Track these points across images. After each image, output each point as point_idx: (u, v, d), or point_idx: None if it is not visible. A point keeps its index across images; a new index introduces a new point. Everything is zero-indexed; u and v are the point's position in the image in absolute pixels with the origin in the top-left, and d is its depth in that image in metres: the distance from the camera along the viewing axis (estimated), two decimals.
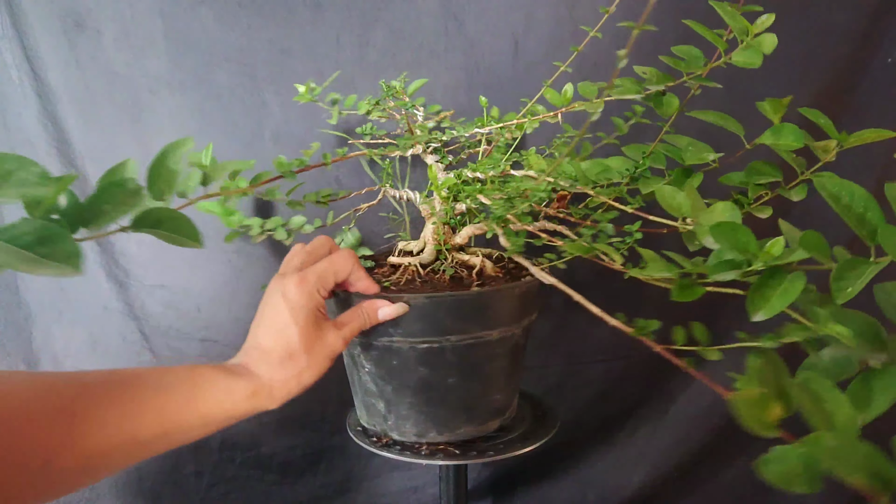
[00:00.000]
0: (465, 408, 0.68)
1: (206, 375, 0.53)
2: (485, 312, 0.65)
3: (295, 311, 0.57)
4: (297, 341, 0.56)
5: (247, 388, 0.54)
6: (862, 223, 0.47)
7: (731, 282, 0.52)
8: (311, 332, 0.57)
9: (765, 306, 0.47)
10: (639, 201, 0.65)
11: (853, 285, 0.44)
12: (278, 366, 0.56)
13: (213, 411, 0.52)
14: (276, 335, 0.57)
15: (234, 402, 0.53)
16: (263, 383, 0.55)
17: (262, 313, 0.58)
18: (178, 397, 0.51)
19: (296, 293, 0.57)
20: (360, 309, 0.62)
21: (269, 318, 0.57)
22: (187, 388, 0.51)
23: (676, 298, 0.53)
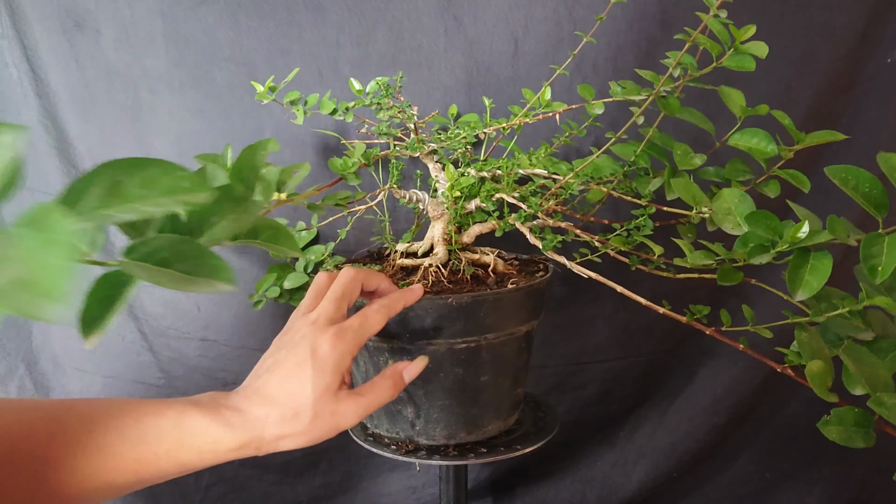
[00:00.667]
0: (495, 404, 0.69)
1: (193, 425, 0.48)
2: (519, 308, 0.66)
3: (319, 374, 0.52)
4: (309, 406, 0.51)
5: (234, 440, 0.49)
6: (869, 199, 0.53)
7: (703, 268, 0.60)
8: (327, 400, 0.52)
9: (802, 285, 0.53)
10: (649, 195, 0.67)
11: (881, 262, 0.49)
12: (277, 422, 0.51)
13: (193, 461, 0.49)
14: (288, 391, 0.51)
15: (217, 453, 0.49)
16: (254, 436, 0.50)
17: (282, 360, 0.53)
18: (159, 449, 0.47)
19: (328, 353, 0.52)
20: (384, 380, 0.57)
21: (288, 370, 0.52)
22: (171, 439, 0.48)
23: (722, 283, 0.59)
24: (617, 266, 0.67)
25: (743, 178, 0.72)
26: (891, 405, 0.50)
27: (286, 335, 0.56)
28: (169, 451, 0.47)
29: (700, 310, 0.62)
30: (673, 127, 0.79)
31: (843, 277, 0.85)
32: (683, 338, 1.01)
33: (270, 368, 0.53)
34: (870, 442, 0.54)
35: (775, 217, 0.56)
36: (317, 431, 0.52)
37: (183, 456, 0.48)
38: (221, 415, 0.49)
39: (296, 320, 0.57)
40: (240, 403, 0.51)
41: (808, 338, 0.58)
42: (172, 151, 0.89)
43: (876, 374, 0.53)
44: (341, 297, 0.57)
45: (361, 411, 0.54)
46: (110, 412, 0.47)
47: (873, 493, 1.08)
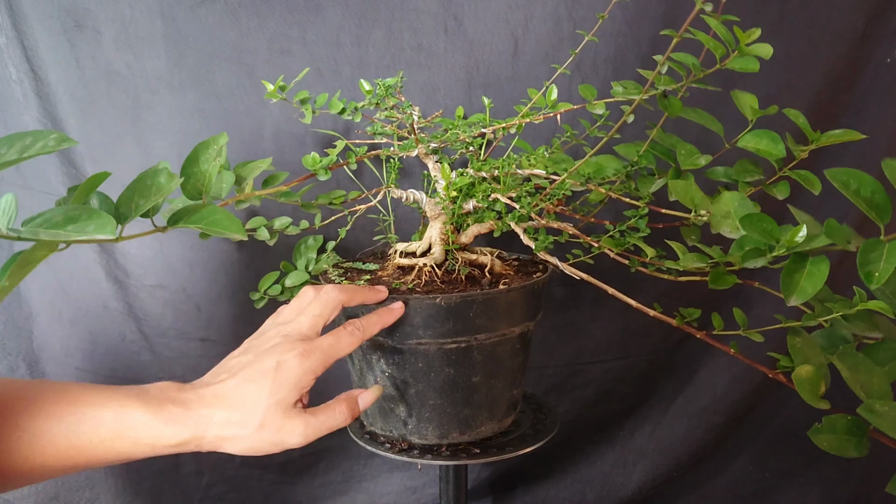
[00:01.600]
0: (488, 405, 0.69)
1: (134, 420, 0.48)
2: (511, 309, 0.66)
3: (277, 386, 0.51)
4: (258, 414, 0.51)
5: (174, 437, 0.49)
6: (871, 205, 0.52)
7: (697, 270, 0.60)
8: (278, 413, 0.51)
9: (796, 291, 0.52)
10: (648, 197, 0.67)
11: (878, 269, 0.48)
12: (222, 423, 0.50)
13: (129, 452, 0.49)
14: (243, 395, 0.51)
15: (155, 447, 0.49)
16: (195, 435, 0.50)
17: (246, 365, 0.53)
18: (95, 438, 0.47)
19: (292, 370, 0.52)
20: (339, 405, 0.56)
21: (248, 375, 0.52)
22: (109, 430, 0.47)
23: (713, 286, 0.58)
24: (617, 267, 0.67)
25: (752, 179, 0.71)
26: (882, 412, 0.49)
27: (256, 339, 0.56)
28: (105, 440, 0.47)
29: (690, 313, 0.62)
30: (680, 129, 0.78)
31: (842, 279, 0.85)
32: (683, 338, 1.01)
33: (232, 370, 0.53)
34: (863, 451, 0.52)
35: (772, 220, 0.55)
36: (260, 442, 0.52)
37: (119, 447, 0.48)
38: (165, 410, 0.49)
39: (270, 327, 0.57)
40: (189, 399, 0.51)
41: (802, 343, 0.57)
42: (172, 151, 0.89)
43: (871, 382, 0.52)
44: (318, 314, 0.57)
45: (310, 431, 0.53)
46: (53, 397, 0.47)
47: (873, 493, 1.08)
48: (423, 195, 0.74)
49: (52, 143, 0.40)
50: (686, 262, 0.59)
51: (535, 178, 0.70)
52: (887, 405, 0.50)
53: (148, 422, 0.48)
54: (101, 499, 0.97)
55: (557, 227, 0.68)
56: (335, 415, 0.55)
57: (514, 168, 0.69)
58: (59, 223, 0.38)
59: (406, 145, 0.76)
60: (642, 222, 0.65)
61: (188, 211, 0.48)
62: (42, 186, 0.90)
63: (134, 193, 0.46)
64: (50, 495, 0.96)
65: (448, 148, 0.77)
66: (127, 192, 0.46)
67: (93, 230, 0.38)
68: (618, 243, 0.65)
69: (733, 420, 1.04)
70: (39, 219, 0.39)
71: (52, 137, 0.40)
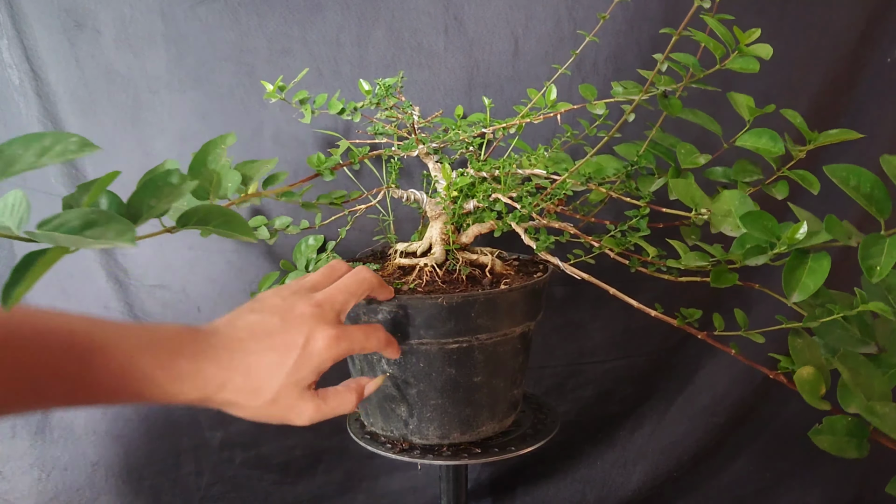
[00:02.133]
0: (489, 405, 0.69)
1: (143, 377, 0.45)
2: (512, 309, 0.66)
3: (300, 365, 0.49)
4: (274, 389, 0.49)
5: (182, 395, 0.47)
6: (871, 200, 0.52)
7: (699, 269, 0.60)
8: (293, 392, 0.50)
9: (798, 287, 0.52)
10: (649, 196, 0.67)
11: (880, 263, 0.49)
12: (235, 389, 0.48)
13: (135, 400, 0.46)
14: (263, 365, 0.49)
15: (162, 400, 0.47)
16: (203, 397, 0.47)
17: (272, 330, 0.50)
18: (109, 387, 0.45)
19: (319, 351, 0.50)
20: (348, 392, 0.55)
21: (272, 344, 0.49)
22: (117, 386, 0.45)
23: (715, 285, 0.58)
24: (618, 267, 0.67)
25: (751, 179, 0.71)
26: (883, 414, 0.49)
27: (280, 299, 0.52)
28: (109, 390, 0.45)
29: (691, 313, 0.62)
30: (679, 129, 0.79)
31: (841, 278, 0.85)
32: (684, 338, 1.01)
33: (254, 330, 0.50)
34: (863, 453, 0.52)
35: (773, 218, 0.55)
36: (267, 415, 0.50)
37: (124, 395, 0.46)
38: (176, 367, 0.46)
39: (298, 291, 0.54)
40: (204, 355, 0.47)
41: (803, 344, 0.57)
42: (172, 151, 0.89)
43: (871, 385, 0.52)
44: (353, 293, 0.55)
45: (318, 416, 0.52)
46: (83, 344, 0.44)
47: (873, 493, 1.08)
48: (423, 195, 0.74)
49: (74, 147, 0.38)
50: (687, 260, 0.59)
51: (536, 178, 0.70)
52: (888, 406, 0.50)
53: (155, 377, 0.46)
54: (101, 499, 0.97)
55: (558, 226, 0.68)
56: (344, 401, 0.54)
57: (515, 168, 0.69)
58: (77, 228, 0.37)
59: (406, 145, 0.76)
60: (643, 222, 0.65)
61: (197, 212, 0.47)
62: (41, 186, 0.90)
63: (145, 194, 0.44)
64: (50, 495, 0.96)
65: (448, 148, 0.77)
66: (138, 193, 0.45)
67: (112, 237, 0.37)
68: (618, 243, 0.65)
69: (733, 420, 1.04)
70: (55, 221, 0.37)
71: (72, 141, 0.38)
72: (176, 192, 0.45)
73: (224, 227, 0.46)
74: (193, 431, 0.97)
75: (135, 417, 0.96)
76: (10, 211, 0.39)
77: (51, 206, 0.92)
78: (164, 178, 0.45)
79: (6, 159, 0.37)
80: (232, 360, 0.48)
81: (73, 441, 0.96)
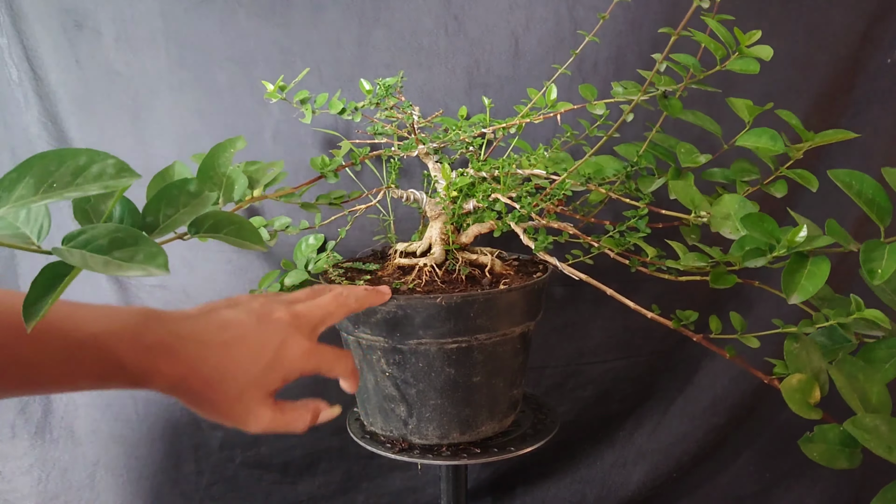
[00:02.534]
0: (488, 405, 0.69)
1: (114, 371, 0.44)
2: (512, 309, 0.66)
3: (269, 370, 0.48)
4: (238, 391, 0.47)
5: (147, 386, 0.46)
6: (872, 205, 0.53)
7: (698, 270, 0.59)
8: (255, 396, 0.48)
9: (797, 289, 0.52)
10: (648, 197, 0.67)
11: (881, 266, 0.49)
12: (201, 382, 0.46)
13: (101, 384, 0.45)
14: (232, 363, 0.47)
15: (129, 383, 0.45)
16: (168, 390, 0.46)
17: (248, 328, 0.49)
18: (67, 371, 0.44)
19: (291, 362, 0.49)
20: (305, 411, 0.52)
21: (247, 343, 0.48)
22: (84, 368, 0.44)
23: (714, 286, 0.58)
24: (618, 267, 0.67)
25: (749, 178, 0.71)
26: (871, 428, 0.48)
27: (258, 303, 0.51)
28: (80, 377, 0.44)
29: (687, 316, 0.62)
30: (679, 130, 0.79)
31: (841, 279, 0.85)
32: (683, 338, 1.01)
33: (229, 326, 0.48)
34: (854, 463, 0.51)
35: (773, 220, 0.55)
36: (223, 414, 0.48)
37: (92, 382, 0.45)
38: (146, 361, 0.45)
39: (277, 299, 0.53)
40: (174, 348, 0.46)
41: (800, 349, 0.56)
42: (172, 151, 0.89)
43: (869, 392, 0.52)
44: (331, 313, 0.54)
45: (272, 426, 0.50)
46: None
47: (873, 493, 1.08)
48: (423, 195, 0.74)
49: (112, 170, 0.33)
50: (687, 261, 0.59)
51: (536, 178, 0.70)
52: (878, 419, 0.49)
53: (121, 361, 0.44)
54: (102, 498, 0.97)
55: (557, 227, 0.68)
56: (299, 419, 0.52)
57: (515, 168, 0.69)
58: (105, 247, 0.34)
59: (406, 145, 0.76)
60: (642, 222, 0.65)
61: (208, 218, 0.45)
62: None
63: (161, 203, 0.42)
64: (51, 495, 0.96)
65: (448, 148, 0.77)
66: (153, 202, 0.43)
67: (142, 260, 0.34)
68: (618, 243, 0.65)
69: (733, 420, 1.04)
70: (82, 238, 0.34)
71: (110, 164, 0.34)
72: (195, 201, 0.42)
73: (235, 236, 0.45)
74: (193, 431, 0.97)
75: (135, 417, 0.96)
76: (30, 217, 0.36)
77: (51, 207, 0.92)
78: (181, 186, 0.42)
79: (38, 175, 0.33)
80: (201, 351, 0.47)
81: (73, 441, 0.96)
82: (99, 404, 0.96)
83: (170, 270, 0.35)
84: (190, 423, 0.96)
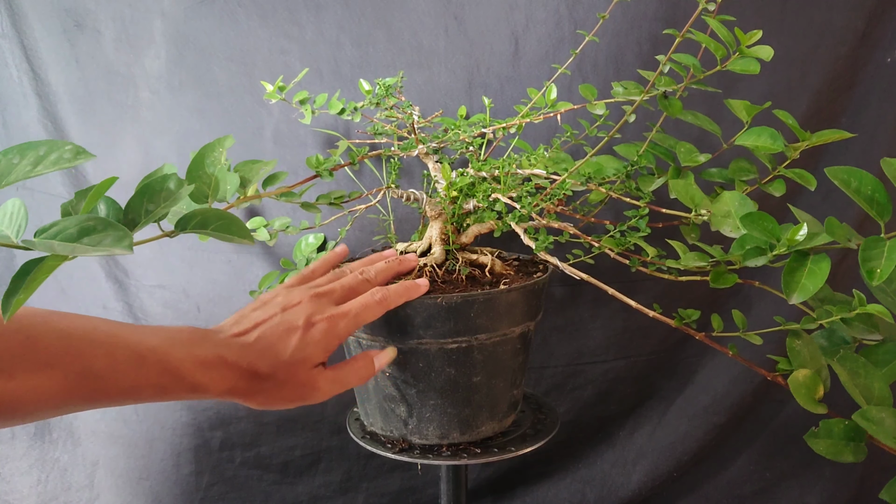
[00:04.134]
0: (489, 405, 0.69)
1: (172, 371, 0.47)
2: (512, 309, 0.66)
3: (304, 344, 0.52)
4: (283, 371, 0.52)
5: (205, 387, 0.49)
6: (871, 203, 0.52)
7: (698, 269, 0.60)
8: (302, 369, 0.53)
9: (798, 289, 0.52)
10: (648, 197, 0.67)
11: (880, 266, 0.49)
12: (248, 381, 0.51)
13: (162, 395, 0.48)
14: (269, 350, 0.52)
15: (189, 392, 0.49)
16: (226, 388, 0.50)
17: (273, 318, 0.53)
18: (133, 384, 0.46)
19: (322, 332, 0.53)
20: (357, 362, 0.58)
21: (275, 331, 0.52)
22: (147, 379, 0.47)
23: (714, 285, 0.58)
24: (618, 267, 0.67)
25: (747, 178, 0.71)
26: (878, 419, 0.49)
27: (281, 296, 0.56)
28: (132, 389, 0.47)
29: (689, 314, 0.62)
30: (678, 130, 0.79)
31: (840, 278, 0.85)
32: (684, 338, 1.01)
33: (256, 321, 0.53)
34: (860, 456, 0.52)
35: (773, 219, 0.55)
36: (283, 399, 0.52)
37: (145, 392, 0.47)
38: (199, 360, 0.48)
39: (296, 285, 0.58)
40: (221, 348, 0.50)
41: (801, 345, 0.57)
42: (172, 151, 0.89)
43: (871, 387, 0.52)
44: (351, 288, 0.58)
45: (334, 389, 0.55)
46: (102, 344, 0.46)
47: (873, 493, 1.08)
48: (423, 195, 0.74)
49: (68, 155, 0.38)
50: (687, 260, 0.59)
51: (536, 178, 0.70)
52: (884, 412, 0.50)
53: (180, 371, 0.48)
54: (102, 499, 0.97)
55: (558, 227, 0.68)
56: (358, 370, 0.57)
57: (515, 168, 0.69)
58: (74, 236, 0.37)
59: (406, 145, 0.76)
60: (643, 222, 0.65)
61: (195, 215, 0.47)
62: (41, 186, 0.90)
63: (143, 199, 0.45)
64: (50, 496, 0.96)
65: (448, 148, 0.77)
66: (136, 198, 0.46)
67: (109, 244, 0.37)
68: (618, 243, 0.65)
69: (733, 420, 1.04)
70: (52, 229, 0.38)
71: (67, 149, 0.38)
72: (173, 197, 0.45)
73: (222, 231, 0.47)
74: (193, 431, 0.96)
75: (135, 418, 0.96)
76: (9, 219, 0.39)
77: (51, 207, 0.92)
78: (162, 182, 0.46)
79: (1, 169, 0.37)
80: (243, 350, 0.51)
81: (73, 442, 0.96)
82: None
83: (133, 251, 0.38)
84: (190, 424, 0.96)
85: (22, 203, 0.39)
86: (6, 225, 0.39)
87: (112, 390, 0.46)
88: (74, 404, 0.46)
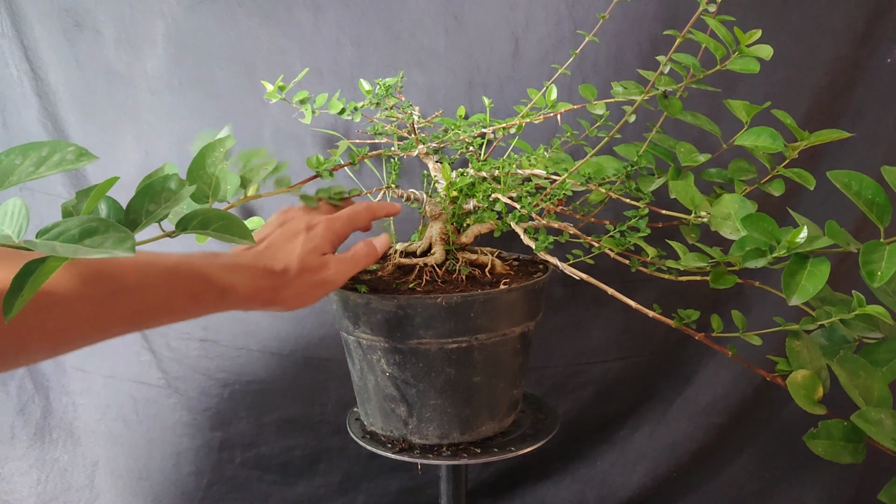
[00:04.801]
0: (488, 405, 0.69)
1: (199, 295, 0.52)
2: (512, 309, 0.66)
3: (310, 238, 0.59)
4: (297, 262, 0.57)
5: (227, 298, 0.54)
6: (871, 206, 0.53)
7: (698, 270, 0.60)
8: (314, 257, 0.58)
9: (798, 290, 0.52)
10: (648, 197, 0.67)
11: (881, 268, 0.49)
12: (271, 276, 0.56)
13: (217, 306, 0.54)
14: (281, 252, 0.58)
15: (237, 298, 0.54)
16: (255, 287, 0.55)
17: (275, 232, 0.60)
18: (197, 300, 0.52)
19: (322, 229, 0.60)
20: (359, 246, 0.63)
21: (281, 238, 0.59)
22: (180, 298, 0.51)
23: (714, 286, 0.59)
24: (618, 267, 0.67)
25: (747, 178, 0.71)
26: (877, 421, 0.49)
27: (278, 223, 0.62)
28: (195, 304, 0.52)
29: (689, 315, 0.62)
30: (678, 130, 0.79)
31: (840, 278, 0.85)
32: (684, 338, 1.01)
33: (270, 242, 0.59)
34: (859, 458, 0.52)
35: (773, 221, 0.55)
36: (304, 288, 0.58)
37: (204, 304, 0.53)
38: (218, 281, 0.53)
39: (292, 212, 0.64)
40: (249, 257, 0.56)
41: (801, 346, 0.57)
42: (172, 151, 0.89)
43: (870, 388, 0.52)
44: (342, 217, 0.63)
45: (347, 271, 0.60)
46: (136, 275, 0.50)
47: (873, 493, 1.08)
48: (423, 195, 0.74)
49: (71, 156, 0.38)
50: (687, 261, 0.59)
51: (536, 178, 0.70)
52: (883, 413, 0.50)
53: (213, 285, 0.52)
54: (102, 499, 0.97)
55: (558, 227, 0.68)
56: (361, 250, 0.63)
57: (515, 168, 0.69)
58: (76, 237, 0.37)
59: (406, 145, 0.76)
60: (642, 222, 0.65)
61: (196, 216, 0.47)
62: (41, 186, 0.90)
63: (144, 199, 0.46)
64: (50, 496, 0.96)
65: (448, 148, 0.77)
66: (137, 199, 0.46)
67: (111, 245, 0.37)
68: (618, 243, 0.64)
69: (733, 420, 1.04)
70: (54, 230, 0.38)
71: (70, 151, 0.38)
72: (175, 197, 0.46)
73: (223, 231, 0.47)
74: (193, 431, 0.97)
75: (134, 418, 0.96)
76: (10, 219, 0.39)
77: (51, 208, 0.92)
78: (163, 183, 0.46)
79: (3, 170, 0.37)
80: (257, 255, 0.57)
81: (73, 442, 0.96)
82: (99, 404, 0.96)
83: (135, 253, 0.38)
84: (190, 424, 0.96)
85: (23, 203, 0.39)
86: (7, 225, 0.39)
87: (148, 303, 0.49)
88: (116, 325, 0.49)
